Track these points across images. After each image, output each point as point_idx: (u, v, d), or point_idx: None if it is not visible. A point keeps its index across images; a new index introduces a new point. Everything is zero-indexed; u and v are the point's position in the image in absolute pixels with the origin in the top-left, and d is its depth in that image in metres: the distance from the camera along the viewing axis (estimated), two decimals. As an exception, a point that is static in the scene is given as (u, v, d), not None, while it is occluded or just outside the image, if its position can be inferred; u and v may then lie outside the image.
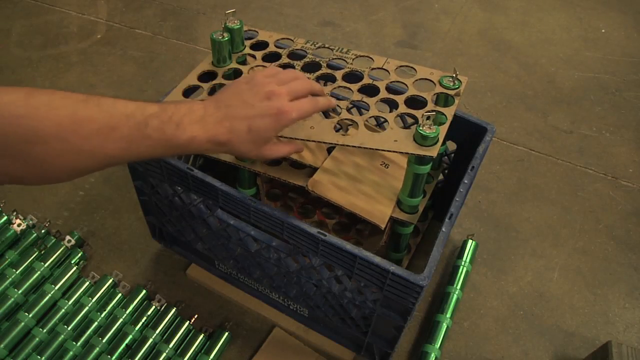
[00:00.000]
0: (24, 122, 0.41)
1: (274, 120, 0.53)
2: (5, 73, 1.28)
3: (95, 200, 1.00)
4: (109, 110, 0.46)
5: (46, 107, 0.43)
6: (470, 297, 0.89)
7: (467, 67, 1.39)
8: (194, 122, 0.50)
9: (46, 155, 0.43)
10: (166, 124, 0.48)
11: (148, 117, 0.47)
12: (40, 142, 0.42)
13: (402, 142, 0.59)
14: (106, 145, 0.45)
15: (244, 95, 0.54)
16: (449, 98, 0.66)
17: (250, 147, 0.54)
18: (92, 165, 0.47)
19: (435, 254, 0.58)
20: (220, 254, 0.78)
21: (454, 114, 0.64)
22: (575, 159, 1.15)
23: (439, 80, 0.68)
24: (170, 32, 1.45)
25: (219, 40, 0.70)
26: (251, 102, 0.53)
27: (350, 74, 0.71)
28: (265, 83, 0.55)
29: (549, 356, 0.83)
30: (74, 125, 0.44)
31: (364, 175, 0.70)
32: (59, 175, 0.46)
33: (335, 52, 0.74)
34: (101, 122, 0.45)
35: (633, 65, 1.43)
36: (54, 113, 0.43)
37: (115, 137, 0.46)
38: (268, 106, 0.53)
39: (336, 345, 0.80)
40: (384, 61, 0.72)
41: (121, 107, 0.46)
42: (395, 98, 0.66)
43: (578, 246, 0.98)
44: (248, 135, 0.52)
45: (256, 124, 0.52)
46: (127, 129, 0.46)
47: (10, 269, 0.84)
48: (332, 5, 1.59)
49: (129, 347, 0.78)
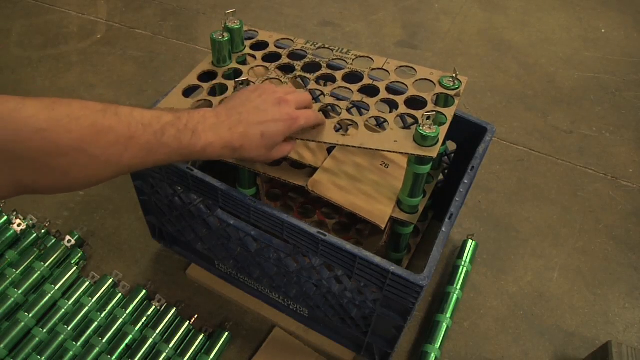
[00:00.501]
0: (46, 135, 0.42)
1: (286, 125, 0.55)
2: (5, 73, 1.28)
3: (95, 200, 1.00)
4: (127, 119, 0.46)
5: (67, 118, 0.43)
6: (470, 297, 0.89)
7: (467, 67, 1.39)
8: (207, 129, 0.51)
9: (67, 166, 0.44)
10: (182, 132, 0.49)
11: (164, 126, 0.48)
12: (62, 154, 0.43)
13: (402, 143, 0.59)
14: (125, 155, 0.46)
15: (255, 102, 0.55)
16: (449, 98, 0.66)
17: (261, 152, 0.55)
18: (111, 174, 0.47)
19: (435, 254, 0.58)
20: (220, 254, 0.78)
21: (454, 114, 0.64)
22: (575, 159, 1.15)
23: (439, 80, 0.68)
24: (170, 32, 1.45)
25: (218, 40, 0.70)
26: (263, 108, 0.55)
27: (351, 74, 0.71)
28: (274, 91, 0.57)
29: (549, 356, 0.83)
30: (93, 136, 0.44)
31: (364, 175, 0.70)
32: (78, 185, 0.47)
33: (335, 53, 0.74)
34: (120, 132, 0.45)
35: (633, 65, 1.43)
36: (75, 125, 0.43)
37: (133, 146, 0.46)
38: (280, 112, 0.55)
39: (336, 345, 0.80)
40: (384, 61, 0.72)
41: (138, 117, 0.47)
42: (395, 98, 0.66)
43: (578, 246, 0.98)
44: (261, 140, 0.54)
45: (269, 129, 0.54)
46: (145, 138, 0.47)
47: (10, 269, 0.84)
48: (332, 5, 1.59)
49: (129, 347, 0.78)
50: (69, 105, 0.44)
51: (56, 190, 0.46)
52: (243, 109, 0.54)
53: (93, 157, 0.44)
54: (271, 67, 0.72)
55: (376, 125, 0.80)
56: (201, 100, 0.68)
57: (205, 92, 0.69)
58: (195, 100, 0.67)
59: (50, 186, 0.45)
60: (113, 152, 0.45)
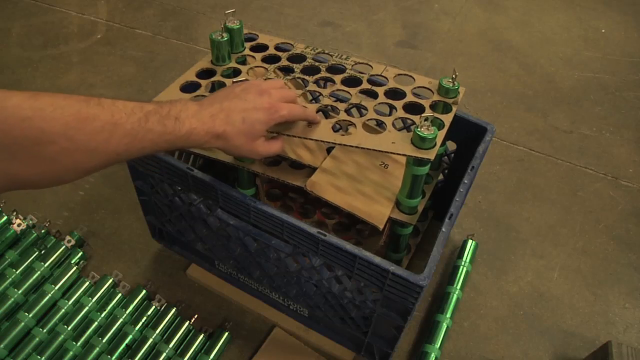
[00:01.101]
0: (32, 123, 0.42)
1: (267, 113, 0.57)
2: (5, 73, 1.28)
3: (95, 200, 1.00)
4: (110, 108, 0.47)
5: (51, 107, 0.44)
6: (470, 297, 0.89)
7: (467, 67, 1.39)
8: (190, 116, 0.53)
9: (55, 154, 0.44)
10: (165, 118, 0.50)
11: (147, 113, 0.49)
12: (49, 141, 0.43)
13: (400, 144, 0.59)
14: (111, 141, 0.47)
15: (238, 93, 0.58)
16: (447, 106, 0.67)
17: (244, 140, 0.56)
18: (99, 162, 0.48)
19: (435, 254, 0.58)
20: (220, 254, 0.78)
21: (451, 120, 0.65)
22: (575, 159, 1.15)
23: (439, 80, 0.68)
24: (170, 32, 1.45)
25: (218, 40, 0.70)
26: (244, 97, 0.57)
27: (350, 79, 0.72)
28: (258, 84, 0.59)
29: (549, 356, 0.83)
30: (79, 123, 0.45)
31: (363, 175, 0.70)
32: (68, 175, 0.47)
33: (335, 59, 0.74)
34: (104, 119, 0.46)
35: (633, 65, 1.43)
36: (59, 112, 0.44)
37: (119, 132, 0.47)
38: (261, 100, 0.57)
39: (336, 345, 0.80)
40: (383, 68, 0.73)
41: (121, 106, 0.48)
42: (394, 103, 0.67)
43: (578, 246, 0.98)
44: (242, 125, 0.55)
45: (250, 116, 0.56)
46: (130, 125, 0.48)
47: (10, 269, 0.84)
48: (332, 5, 1.59)
49: (129, 347, 0.78)
50: (52, 96, 0.45)
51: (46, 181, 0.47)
52: (225, 99, 0.56)
53: (79, 143, 0.45)
54: (270, 68, 0.72)
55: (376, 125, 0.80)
56: (200, 95, 0.68)
57: (204, 89, 0.69)
58: (193, 96, 0.67)
59: (39, 177, 0.45)
60: (99, 139, 0.46)
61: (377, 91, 0.69)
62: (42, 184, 0.47)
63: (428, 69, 1.38)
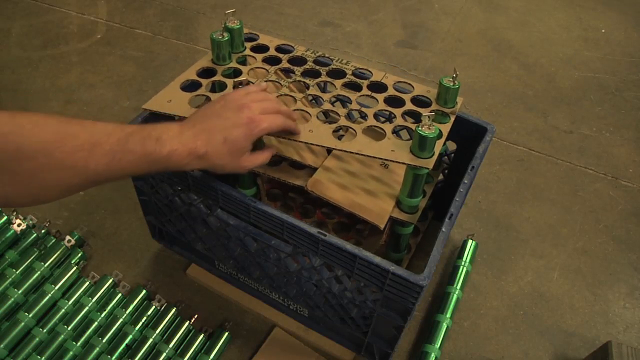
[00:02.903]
0: (11, 138, 0.43)
1: (246, 129, 0.56)
2: (5, 73, 1.28)
3: (95, 200, 1.00)
4: (91, 128, 0.48)
5: (31, 124, 0.44)
6: (470, 297, 0.89)
7: (467, 67, 1.39)
8: (172, 137, 0.52)
9: (32, 170, 0.44)
10: (146, 139, 0.50)
11: (128, 135, 0.49)
12: (28, 158, 0.44)
13: (399, 152, 0.60)
14: (90, 160, 0.47)
15: (217, 111, 0.57)
16: (445, 116, 0.67)
17: (228, 159, 0.56)
18: (79, 181, 0.48)
19: (435, 254, 0.58)
20: (220, 254, 0.78)
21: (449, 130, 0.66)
22: (575, 159, 1.15)
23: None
24: (170, 32, 1.45)
25: (218, 40, 0.70)
26: (224, 115, 0.56)
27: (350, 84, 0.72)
28: (237, 99, 0.58)
29: (549, 356, 0.83)
30: (58, 141, 0.45)
31: (364, 174, 0.70)
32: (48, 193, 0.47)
33: (335, 63, 0.75)
34: (84, 138, 0.46)
35: (633, 65, 1.43)
36: (39, 129, 0.44)
37: (98, 152, 0.47)
38: (239, 117, 0.56)
39: (336, 345, 0.80)
40: (383, 75, 0.73)
41: (101, 127, 0.49)
42: (393, 111, 0.68)
43: (578, 246, 0.98)
44: (224, 145, 0.54)
45: (231, 134, 0.55)
46: (109, 145, 0.48)
47: (10, 269, 0.84)
48: (332, 5, 1.59)
49: (129, 347, 0.78)
50: (32, 115, 0.45)
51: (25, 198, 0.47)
52: (205, 118, 0.56)
53: (59, 161, 0.45)
54: (271, 69, 0.72)
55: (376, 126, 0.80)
56: (200, 95, 0.68)
57: (204, 88, 0.69)
58: (194, 95, 0.68)
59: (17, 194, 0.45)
60: (78, 157, 0.46)
61: (377, 97, 0.70)
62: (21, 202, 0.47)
63: (428, 69, 1.38)
